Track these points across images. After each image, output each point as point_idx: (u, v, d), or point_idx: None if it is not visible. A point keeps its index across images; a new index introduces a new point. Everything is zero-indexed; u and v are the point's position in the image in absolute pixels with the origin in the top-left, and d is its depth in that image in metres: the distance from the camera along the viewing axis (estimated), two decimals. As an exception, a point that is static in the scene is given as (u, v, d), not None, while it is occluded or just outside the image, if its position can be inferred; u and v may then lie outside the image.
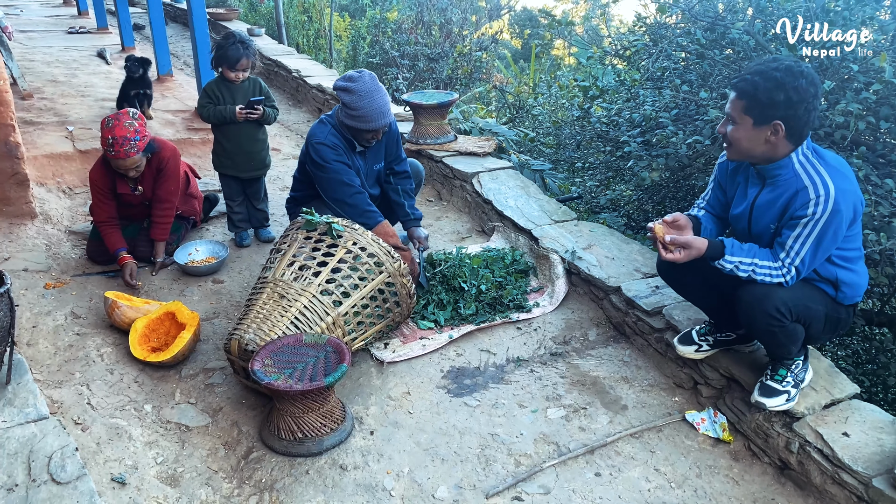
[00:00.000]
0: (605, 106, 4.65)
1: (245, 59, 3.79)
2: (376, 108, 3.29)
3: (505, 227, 4.07)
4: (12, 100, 3.89)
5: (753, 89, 2.26)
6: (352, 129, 3.37)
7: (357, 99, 3.27)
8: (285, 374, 2.54)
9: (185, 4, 11.34)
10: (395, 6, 13.32)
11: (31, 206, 4.09)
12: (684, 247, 2.40)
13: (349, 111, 3.30)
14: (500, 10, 15.67)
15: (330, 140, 3.34)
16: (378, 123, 3.33)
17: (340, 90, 3.33)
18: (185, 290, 3.65)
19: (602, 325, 3.38)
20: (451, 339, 3.22)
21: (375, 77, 3.36)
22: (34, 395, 2.38)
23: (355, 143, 3.43)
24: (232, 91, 3.86)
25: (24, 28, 9.94)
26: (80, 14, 11.56)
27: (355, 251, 3.02)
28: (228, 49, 3.75)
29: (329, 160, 3.32)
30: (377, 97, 3.30)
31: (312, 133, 3.39)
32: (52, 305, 3.38)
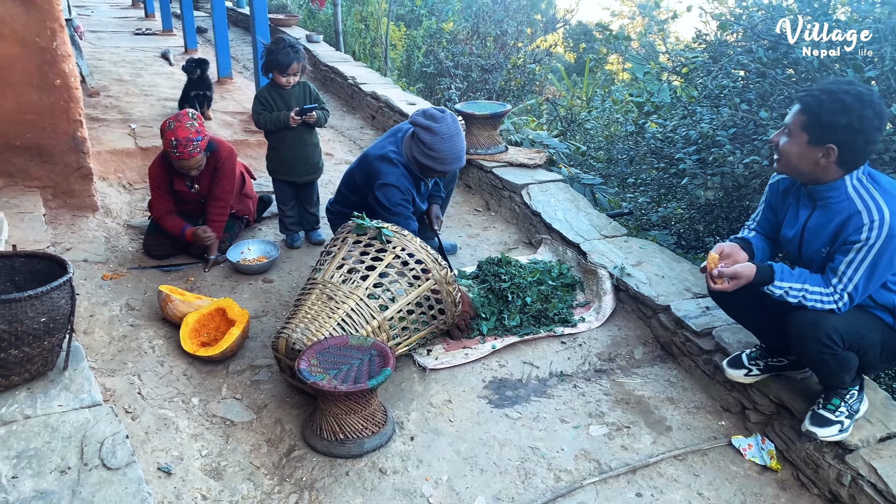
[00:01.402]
0: (661, 122, 4.60)
1: (296, 63, 3.86)
2: (455, 152, 3.34)
3: (553, 239, 4.05)
4: (81, 97, 4.04)
5: (818, 107, 2.21)
6: (423, 167, 3.39)
7: (438, 142, 3.29)
8: (330, 375, 2.57)
9: (247, 10, 11.65)
10: (451, 17, 13.43)
11: (93, 200, 4.24)
12: (732, 277, 2.37)
13: (427, 151, 3.32)
14: (556, 24, 15.65)
15: (402, 183, 3.37)
16: (452, 167, 3.38)
17: (422, 128, 3.32)
18: (235, 287, 3.73)
19: (649, 343, 3.33)
20: (493, 349, 3.21)
21: (457, 119, 3.37)
22: (89, 381, 2.46)
23: (422, 178, 3.47)
24: (284, 96, 3.94)
25: (93, 28, 10.33)
26: (146, 16, 11.96)
27: (403, 257, 3.05)
28: (279, 54, 3.82)
29: (395, 203, 3.36)
30: (458, 141, 3.34)
31: (381, 173, 3.39)
32: (108, 296, 3.49)
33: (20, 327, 2.26)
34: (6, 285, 2.59)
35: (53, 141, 3.98)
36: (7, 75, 3.75)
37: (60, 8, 3.79)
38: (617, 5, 34.26)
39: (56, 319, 2.37)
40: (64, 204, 4.14)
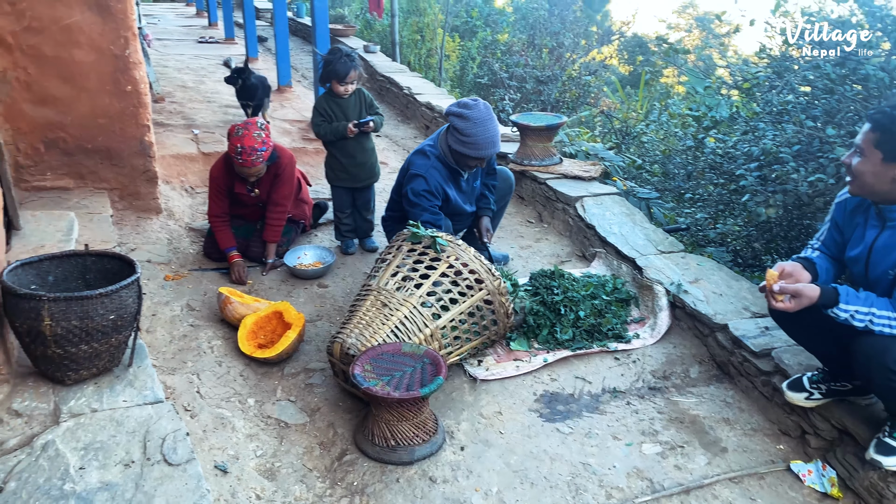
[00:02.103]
0: (721, 137, 4.52)
1: (353, 71, 3.93)
2: (488, 137, 3.40)
3: (607, 253, 4.02)
4: (150, 103, 4.18)
5: (890, 123, 2.15)
6: (458, 155, 3.46)
7: (470, 126, 3.37)
8: (383, 381, 2.59)
9: (306, 20, 11.90)
10: (506, 29, 13.46)
11: (157, 202, 4.38)
12: (794, 295, 2.30)
13: (460, 136, 3.40)
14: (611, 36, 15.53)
15: (431, 175, 3.47)
16: (487, 152, 3.43)
17: (454, 115, 3.42)
18: (291, 291, 3.80)
19: (705, 362, 3.26)
20: (545, 362, 3.20)
21: (490, 107, 3.46)
22: (152, 378, 2.53)
23: (459, 169, 3.51)
24: (341, 105, 4.00)
25: (160, 36, 10.69)
26: (210, 25, 12.32)
27: (457, 266, 3.06)
28: (337, 64, 3.90)
29: (418, 194, 3.46)
30: (490, 126, 3.40)
31: (412, 163, 3.53)
32: (170, 296, 3.60)
33: (90, 324, 2.35)
34: (77, 283, 2.70)
35: (122, 145, 4.13)
36: (83, 81, 3.92)
37: (134, 17, 3.94)
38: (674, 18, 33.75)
39: (124, 317, 2.45)
40: (130, 206, 4.29)
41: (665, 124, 6.86)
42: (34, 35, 3.78)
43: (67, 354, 2.36)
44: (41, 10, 3.75)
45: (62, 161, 4.08)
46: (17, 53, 3.79)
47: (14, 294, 2.30)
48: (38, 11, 3.75)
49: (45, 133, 3.98)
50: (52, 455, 2.10)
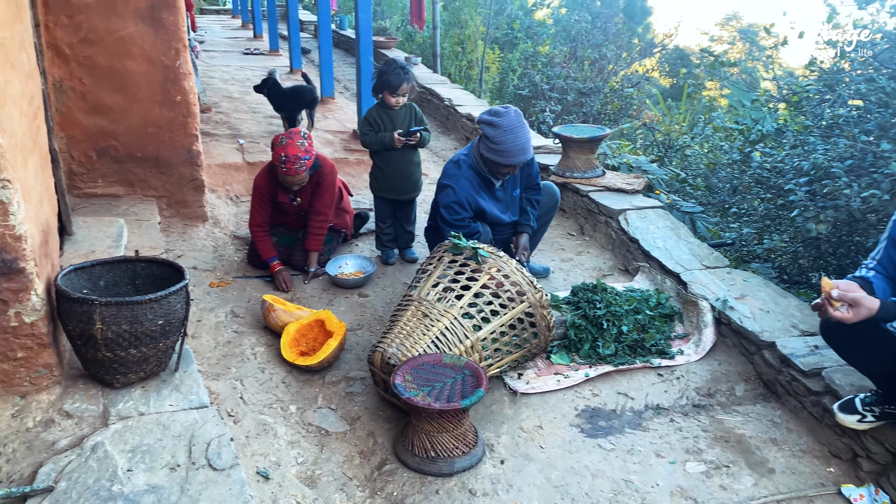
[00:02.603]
0: (768, 151, 4.43)
1: (406, 83, 3.96)
2: (518, 144, 3.38)
3: (651, 268, 3.96)
4: (198, 113, 4.27)
5: None
6: (490, 162, 3.46)
7: (500, 133, 3.36)
8: (424, 392, 2.59)
9: (349, 32, 12.05)
10: (547, 41, 13.44)
11: (203, 210, 4.47)
12: (853, 304, 2.22)
13: (490, 144, 3.41)
14: (653, 49, 15.40)
15: (461, 185, 3.48)
16: (516, 159, 3.42)
17: (485, 123, 3.43)
18: (333, 300, 3.83)
19: (751, 380, 3.19)
20: (587, 377, 3.16)
21: (521, 114, 3.45)
22: (198, 383, 2.57)
23: (492, 178, 3.51)
24: (391, 117, 4.04)
25: (206, 48, 10.94)
26: (255, 37, 12.56)
27: (499, 278, 3.05)
28: (390, 75, 3.93)
29: (444, 206, 3.49)
30: (520, 134, 3.39)
31: (445, 173, 3.56)
32: (215, 303, 3.65)
33: (140, 328, 2.40)
34: (127, 288, 2.76)
35: (171, 153, 4.23)
36: (135, 91, 4.02)
37: (185, 29, 4.04)
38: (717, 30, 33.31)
39: (172, 323, 2.50)
40: (177, 213, 4.39)
41: (710, 137, 6.76)
42: (90, 46, 3.90)
43: (117, 358, 2.41)
44: (97, 22, 3.87)
45: (113, 169, 4.19)
46: (73, 64, 3.92)
47: (67, 298, 2.37)
48: (94, 23, 3.87)
49: (98, 141, 4.10)
50: (100, 456, 2.14)
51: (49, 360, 2.42)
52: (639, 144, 9.00)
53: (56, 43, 3.85)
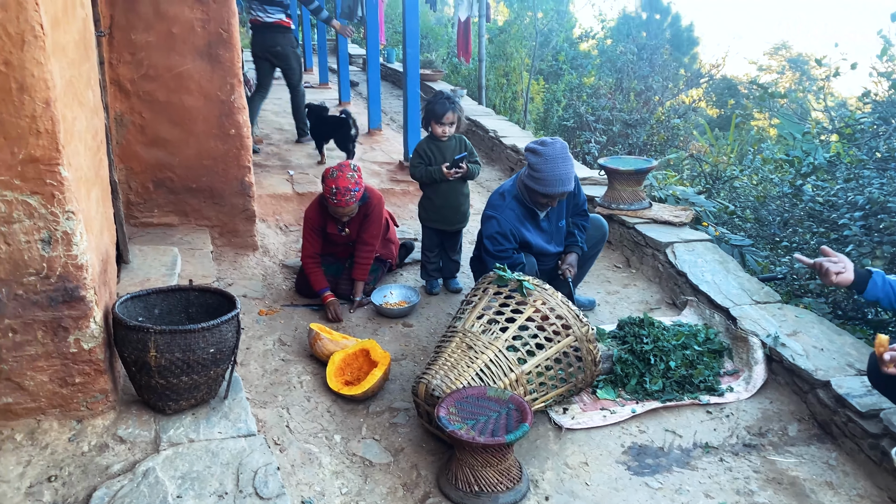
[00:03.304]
0: (820, 184, 4.34)
1: (451, 112, 4.02)
2: (558, 175, 3.41)
3: (699, 302, 3.89)
4: (251, 145, 4.40)
5: None
6: (530, 191, 3.52)
7: (542, 162, 3.41)
8: (468, 425, 2.59)
9: (396, 65, 12.28)
10: (592, 72, 13.47)
11: (254, 240, 4.57)
12: None
13: (532, 172, 3.46)
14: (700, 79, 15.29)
15: (504, 215, 3.52)
16: (554, 189, 3.44)
17: (529, 151, 3.50)
18: (377, 329, 3.86)
19: (804, 420, 3.09)
20: (633, 413, 3.11)
21: (567, 147, 3.48)
22: (246, 411, 2.62)
23: (535, 208, 3.53)
24: (441, 149, 4.10)
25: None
26: (305, 70, 12.87)
27: (544, 311, 3.04)
28: (436, 104, 4.02)
29: (487, 236, 3.52)
30: (562, 165, 3.42)
31: (489, 203, 3.61)
32: (263, 331, 3.72)
33: (192, 356, 2.45)
34: (181, 316, 2.84)
35: (224, 185, 4.36)
36: (191, 125, 4.17)
37: (240, 65, 4.19)
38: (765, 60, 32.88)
39: (223, 351, 2.55)
40: (228, 242, 4.50)
41: (759, 169, 6.65)
42: (150, 82, 4.07)
43: (169, 385, 2.47)
44: (157, 59, 4.04)
45: (168, 199, 4.33)
46: (133, 99, 4.09)
47: (124, 325, 2.44)
48: (154, 60, 4.04)
49: (155, 173, 4.25)
50: (152, 482, 2.19)
51: (105, 385, 2.49)
52: (685, 175, 8.90)
53: (118, 79, 4.02)
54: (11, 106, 2.10)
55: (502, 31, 13.22)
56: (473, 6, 9.27)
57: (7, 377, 2.37)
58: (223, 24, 4.05)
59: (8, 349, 2.33)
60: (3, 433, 2.39)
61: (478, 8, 9.20)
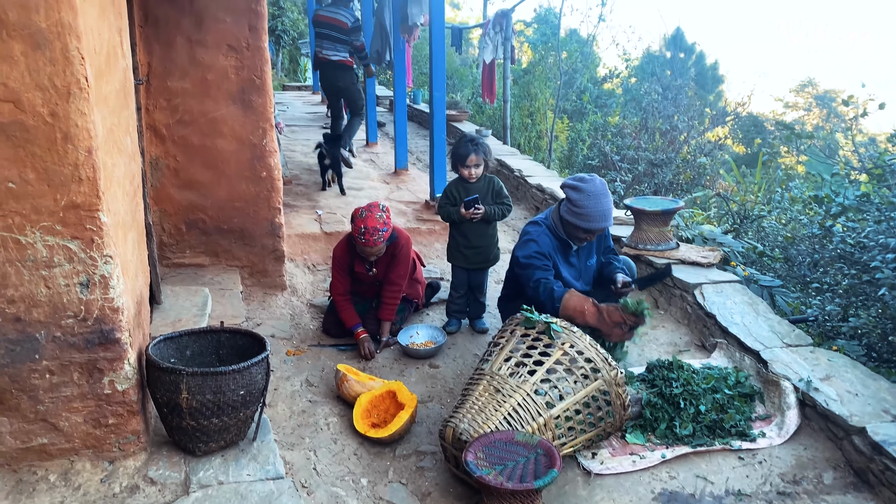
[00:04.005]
0: (851, 225, 4.29)
1: (474, 154, 4.07)
2: (600, 210, 3.50)
3: (728, 345, 3.85)
4: (281, 187, 4.49)
5: None
6: (570, 226, 3.56)
7: (584, 198, 3.49)
8: (496, 470, 2.57)
9: (422, 106, 12.46)
10: (616, 110, 13.55)
11: (283, 280, 4.64)
12: None
13: (573, 207, 3.52)
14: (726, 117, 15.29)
15: (541, 239, 3.59)
16: (597, 224, 3.53)
17: (569, 188, 3.56)
18: (404, 370, 3.87)
19: (840, 468, 3.02)
20: (663, 458, 3.06)
21: (605, 184, 3.53)
22: (274, 454, 2.63)
23: (569, 241, 3.56)
24: (469, 190, 4.14)
25: (287, 122, 11.48)
26: (333, 111, 13.13)
27: (572, 354, 3.03)
28: (460, 148, 4.10)
29: (527, 256, 3.56)
30: (604, 200, 3.50)
31: (524, 232, 3.70)
32: (290, 371, 3.75)
33: (223, 398, 2.49)
34: (212, 357, 2.88)
35: (255, 226, 4.44)
36: (224, 168, 4.27)
37: (272, 110, 4.30)
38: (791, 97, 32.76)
39: (252, 393, 2.58)
40: (258, 283, 4.56)
41: (788, 210, 6.60)
42: (184, 127, 4.19)
43: (200, 427, 2.50)
44: (192, 105, 4.17)
45: (200, 240, 4.42)
46: (168, 143, 4.21)
47: (157, 367, 2.49)
48: (189, 106, 4.17)
49: (188, 215, 4.34)
50: (182, 525, 2.21)
51: (137, 427, 2.53)
52: (712, 214, 8.86)
53: (154, 124, 4.15)
54: (56, 155, 2.19)
55: (526, 72, 13.39)
56: (498, 49, 9.41)
57: (43, 418, 2.42)
58: (256, 71, 4.17)
59: (45, 390, 2.39)
60: (37, 473, 2.43)
61: (503, 51, 9.34)
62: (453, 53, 15.08)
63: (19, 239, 2.23)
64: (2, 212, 2.20)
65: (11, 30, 2.06)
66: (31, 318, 2.31)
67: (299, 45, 22.19)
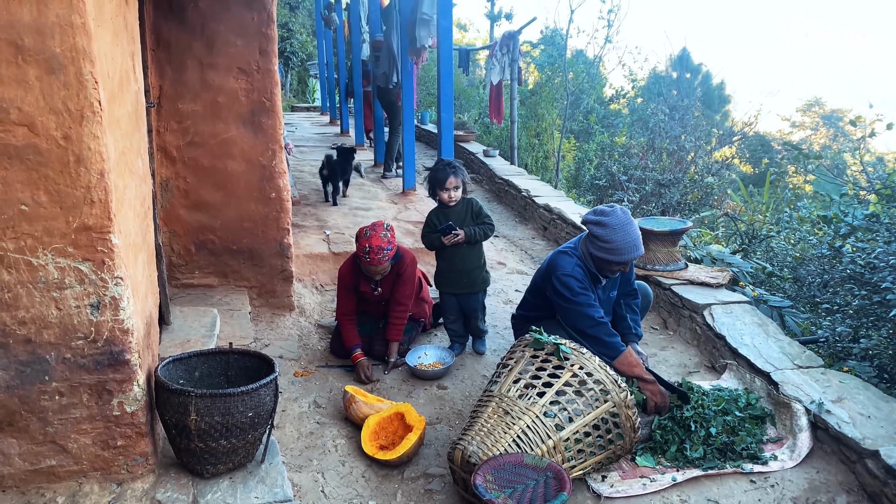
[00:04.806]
0: (861, 245, 4.27)
1: (453, 177, 4.04)
2: (630, 241, 3.40)
3: (738, 366, 3.82)
4: (290, 208, 4.51)
5: None
6: (601, 261, 3.47)
7: (611, 232, 3.39)
8: (505, 494, 2.55)
9: (430, 126, 12.54)
10: (623, 130, 13.60)
11: (291, 300, 4.64)
12: None
13: (601, 244, 3.42)
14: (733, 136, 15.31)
15: (577, 272, 3.48)
16: (630, 255, 3.42)
17: (592, 224, 3.46)
18: (412, 391, 3.85)
19: (854, 492, 2.98)
20: (674, 481, 3.03)
21: (628, 211, 3.46)
22: (282, 476, 2.62)
23: (599, 275, 3.51)
24: (448, 215, 4.12)
25: (296, 143, 11.58)
26: (342, 132, 13.24)
27: (581, 376, 3.02)
28: (437, 171, 4.08)
29: (576, 292, 3.43)
30: (631, 230, 3.41)
31: (557, 265, 3.53)
32: (298, 392, 3.74)
33: (231, 420, 2.48)
34: (220, 378, 2.88)
35: (263, 246, 4.45)
36: (233, 188, 4.30)
37: (282, 132, 4.33)
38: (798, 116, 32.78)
39: (261, 415, 2.58)
40: (266, 303, 4.57)
41: (797, 230, 6.58)
42: (195, 149, 4.23)
43: (208, 448, 2.49)
44: (202, 127, 4.21)
45: (209, 261, 4.44)
46: (178, 165, 4.24)
47: (166, 389, 2.49)
48: (199, 128, 4.21)
49: (197, 235, 4.37)
50: (189, 548, 2.19)
51: (146, 448, 2.52)
52: (720, 234, 8.84)
53: (165, 146, 4.19)
54: (68, 177, 2.21)
55: (533, 93, 13.48)
56: (505, 70, 9.49)
57: (52, 440, 2.42)
58: (266, 94, 4.21)
59: (54, 412, 2.39)
60: (45, 496, 2.42)
61: (510, 72, 9.41)
62: (460, 74, 15.20)
63: (31, 261, 2.25)
64: (14, 234, 2.22)
65: (27, 55, 2.09)
66: (41, 340, 2.32)
67: (308, 67, 22.42)
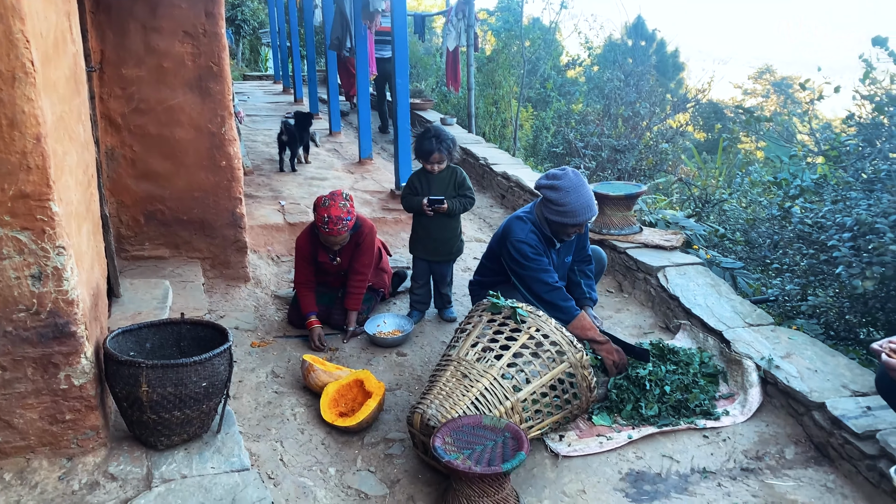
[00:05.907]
0: (808, 206, 4.38)
1: (437, 153, 4.00)
2: (583, 202, 3.42)
3: (692, 326, 3.90)
4: (242, 177, 4.41)
5: None
6: (556, 225, 3.48)
7: (564, 195, 3.40)
8: (464, 455, 2.56)
9: (387, 95, 12.36)
10: (580, 98, 13.61)
11: (246, 271, 4.56)
12: None
13: (555, 207, 3.43)
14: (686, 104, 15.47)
15: (531, 238, 3.49)
16: (585, 217, 3.45)
17: (546, 188, 3.47)
18: (371, 359, 3.84)
19: (801, 443, 3.08)
20: (630, 439, 3.09)
21: (579, 173, 3.47)
22: (239, 445, 2.59)
23: (554, 239, 3.53)
24: (430, 181, 4.10)
25: (249, 112, 11.31)
26: (295, 101, 12.97)
27: (538, 338, 3.04)
28: (423, 143, 4.02)
29: (530, 258, 3.45)
30: (583, 192, 3.43)
31: (511, 231, 3.53)
32: (255, 363, 3.69)
33: (184, 391, 2.43)
34: (172, 349, 2.82)
35: (215, 216, 4.35)
36: (182, 157, 4.18)
37: (231, 98, 4.21)
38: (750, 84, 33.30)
39: (215, 385, 2.53)
40: (220, 274, 4.48)
41: (748, 193, 6.70)
42: (140, 116, 4.09)
43: (161, 420, 2.45)
44: (148, 93, 4.06)
45: (159, 232, 4.32)
46: (124, 133, 4.10)
47: (115, 360, 2.42)
48: (144, 94, 4.06)
49: (146, 206, 4.24)
50: (144, 520, 2.16)
51: (96, 422, 2.46)
52: (675, 199, 8.97)
53: (109, 113, 4.04)
54: (1, 142, 2.11)
55: (490, 60, 13.36)
56: (461, 36, 9.38)
57: (-4, 415, 2.34)
58: (213, 58, 4.08)
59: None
60: (-9, 473, 2.35)
61: (466, 38, 9.31)
62: (416, 41, 14.98)
63: (-35, 231, 2.15)
64: (-54, 203, 2.12)
65: (-50, 12, 1.97)
66: (-20, 313, 2.23)
67: (260, 35, 21.84)
